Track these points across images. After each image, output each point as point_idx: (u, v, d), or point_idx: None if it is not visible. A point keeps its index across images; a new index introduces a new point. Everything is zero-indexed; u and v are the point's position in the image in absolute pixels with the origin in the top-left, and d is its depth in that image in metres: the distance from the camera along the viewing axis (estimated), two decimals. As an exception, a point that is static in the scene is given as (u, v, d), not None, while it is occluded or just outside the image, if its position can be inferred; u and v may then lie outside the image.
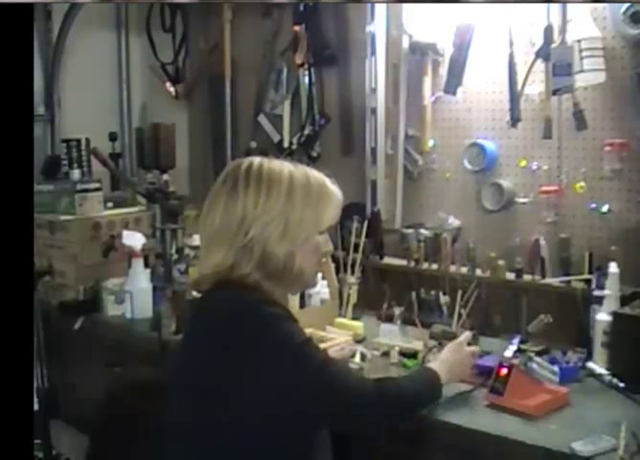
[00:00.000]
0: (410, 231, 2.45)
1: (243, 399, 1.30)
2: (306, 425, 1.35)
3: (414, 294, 2.27)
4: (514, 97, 2.17)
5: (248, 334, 1.31)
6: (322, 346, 1.99)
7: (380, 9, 2.49)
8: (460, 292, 2.12)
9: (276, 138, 2.93)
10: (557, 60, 2.05)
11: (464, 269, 2.31)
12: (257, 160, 1.43)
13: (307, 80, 2.78)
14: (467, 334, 1.76)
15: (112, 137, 3.12)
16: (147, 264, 2.50)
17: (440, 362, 1.62)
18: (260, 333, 1.31)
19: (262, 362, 1.30)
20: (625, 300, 1.86)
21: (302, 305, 2.24)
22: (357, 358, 1.89)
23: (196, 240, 2.58)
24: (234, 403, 1.31)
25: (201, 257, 1.48)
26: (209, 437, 1.33)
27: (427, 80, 2.41)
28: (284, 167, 1.42)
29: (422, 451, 1.65)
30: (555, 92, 2.08)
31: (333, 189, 1.46)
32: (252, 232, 1.36)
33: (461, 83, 2.31)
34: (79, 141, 2.97)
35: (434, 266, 2.38)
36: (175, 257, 2.46)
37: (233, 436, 1.32)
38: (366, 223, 2.43)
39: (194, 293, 2.17)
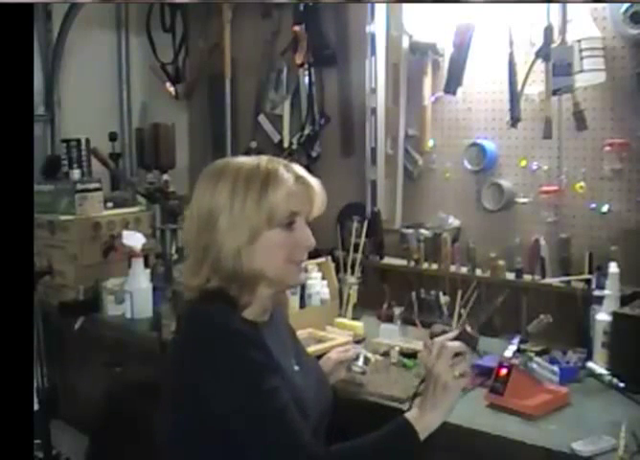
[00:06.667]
0: (410, 231, 2.45)
1: (214, 417, 1.26)
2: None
3: (414, 294, 2.27)
4: (514, 97, 2.17)
5: (206, 354, 1.27)
6: (323, 346, 2.00)
7: (380, 9, 2.49)
8: (460, 292, 2.12)
9: (276, 138, 2.93)
10: (557, 60, 2.05)
11: (464, 269, 2.31)
12: (222, 159, 1.40)
13: (307, 80, 2.78)
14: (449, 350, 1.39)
15: (112, 137, 3.11)
16: (147, 264, 2.50)
17: (422, 410, 1.36)
18: (214, 354, 1.26)
19: (223, 390, 1.25)
20: (625, 300, 1.86)
21: (302, 305, 2.24)
22: (360, 362, 1.88)
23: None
24: (209, 420, 1.27)
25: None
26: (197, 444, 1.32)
27: (427, 80, 2.41)
28: (238, 160, 1.36)
29: (422, 451, 1.64)
30: (555, 92, 2.08)
31: (286, 175, 1.32)
32: (205, 233, 1.32)
33: (461, 83, 2.31)
34: (79, 141, 2.97)
35: (434, 266, 2.38)
36: (175, 257, 2.46)
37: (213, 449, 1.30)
38: (366, 223, 2.43)
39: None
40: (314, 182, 1.38)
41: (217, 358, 1.26)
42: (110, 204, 2.79)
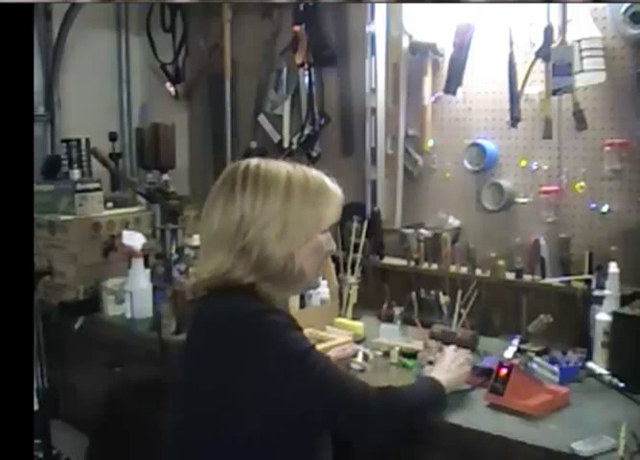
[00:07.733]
0: (410, 231, 2.45)
1: (245, 406, 1.30)
2: (308, 430, 1.35)
3: (414, 294, 2.27)
4: (514, 97, 2.17)
5: (248, 346, 1.30)
6: (323, 346, 2.00)
7: (380, 9, 2.49)
8: (460, 292, 2.12)
9: (276, 138, 2.93)
10: (557, 60, 2.05)
11: (464, 269, 2.31)
12: (254, 161, 1.43)
13: (307, 80, 2.78)
14: (452, 348, 1.78)
15: (112, 137, 3.11)
16: (147, 264, 2.50)
17: (438, 370, 1.63)
18: (260, 344, 1.31)
19: (263, 373, 1.29)
20: (625, 300, 1.86)
21: (302, 305, 2.24)
22: (359, 359, 1.89)
23: (196, 240, 2.57)
24: (234, 410, 1.30)
25: (200, 260, 1.47)
26: (209, 439, 1.33)
27: (427, 80, 2.41)
28: (281, 167, 1.42)
29: (422, 451, 1.65)
30: (555, 92, 2.08)
31: (333, 187, 1.45)
32: (250, 234, 1.35)
33: (461, 83, 2.31)
34: (79, 141, 2.97)
35: (434, 266, 2.38)
36: (175, 257, 2.46)
37: (233, 439, 1.31)
38: (366, 223, 2.43)
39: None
40: (339, 191, 1.47)
41: (282, 354, 1.31)
42: (110, 204, 2.79)
